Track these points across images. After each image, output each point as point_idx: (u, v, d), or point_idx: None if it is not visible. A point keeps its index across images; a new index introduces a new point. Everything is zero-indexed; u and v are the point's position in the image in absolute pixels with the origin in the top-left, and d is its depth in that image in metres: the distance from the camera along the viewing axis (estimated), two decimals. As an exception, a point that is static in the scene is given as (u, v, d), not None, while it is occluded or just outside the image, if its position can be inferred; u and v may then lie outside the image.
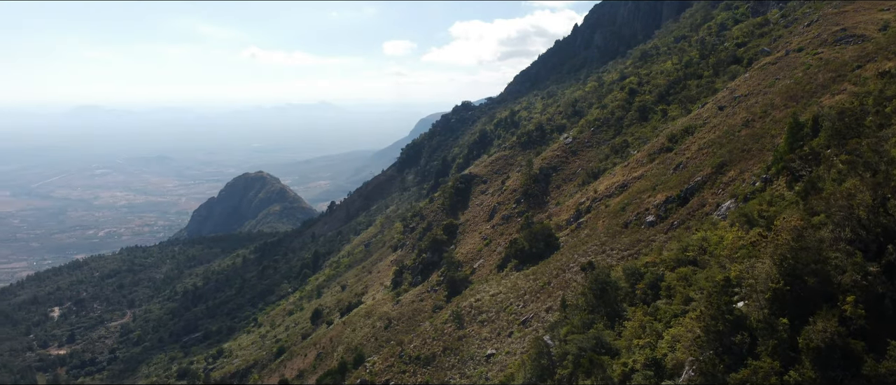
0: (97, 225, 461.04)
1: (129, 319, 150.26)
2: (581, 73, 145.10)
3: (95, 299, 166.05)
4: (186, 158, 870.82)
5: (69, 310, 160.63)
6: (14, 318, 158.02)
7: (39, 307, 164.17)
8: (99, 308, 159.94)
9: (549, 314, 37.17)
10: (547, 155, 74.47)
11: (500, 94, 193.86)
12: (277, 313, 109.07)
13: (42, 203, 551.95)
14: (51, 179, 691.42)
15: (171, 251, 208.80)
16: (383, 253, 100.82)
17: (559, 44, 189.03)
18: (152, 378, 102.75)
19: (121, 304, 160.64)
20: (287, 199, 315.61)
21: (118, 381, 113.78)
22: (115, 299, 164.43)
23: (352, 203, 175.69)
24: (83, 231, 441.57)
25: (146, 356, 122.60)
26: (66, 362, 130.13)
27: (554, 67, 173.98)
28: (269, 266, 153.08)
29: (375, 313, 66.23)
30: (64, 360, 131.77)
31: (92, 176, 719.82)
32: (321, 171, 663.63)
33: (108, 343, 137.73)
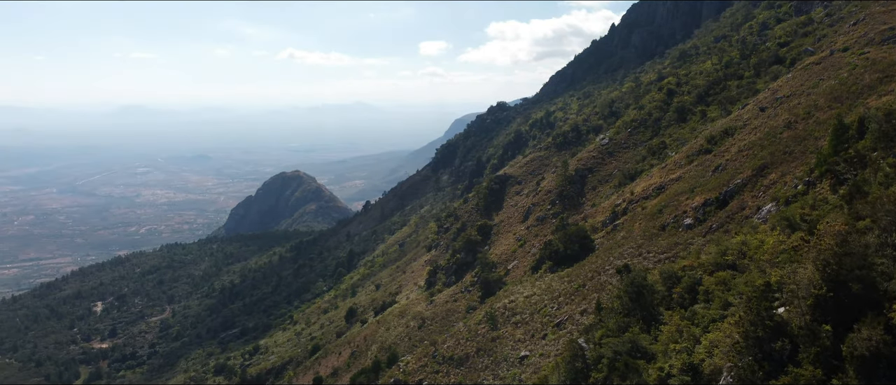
0: (139, 222, 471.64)
1: (168, 315, 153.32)
2: (618, 74, 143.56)
3: (136, 295, 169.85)
4: (225, 157, 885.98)
5: (111, 305, 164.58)
6: (59, 311, 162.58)
7: (83, 302, 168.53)
8: (140, 303, 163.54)
9: (584, 317, 36.85)
10: (582, 156, 73.84)
11: (536, 95, 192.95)
12: (313, 311, 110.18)
13: (86, 200, 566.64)
14: (95, 177, 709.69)
15: (209, 248, 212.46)
16: (417, 253, 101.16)
17: (596, 44, 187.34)
18: (190, 373, 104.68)
19: (161, 300, 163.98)
20: (323, 198, 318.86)
21: (157, 375, 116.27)
22: (155, 295, 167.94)
23: (386, 203, 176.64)
24: (125, 228, 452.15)
25: (184, 351, 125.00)
26: (107, 356, 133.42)
27: (590, 68, 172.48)
28: (304, 264, 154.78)
29: (409, 313, 66.47)
30: (106, 353, 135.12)
31: (134, 174, 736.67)
32: (356, 170, 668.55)
33: (148, 338, 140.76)
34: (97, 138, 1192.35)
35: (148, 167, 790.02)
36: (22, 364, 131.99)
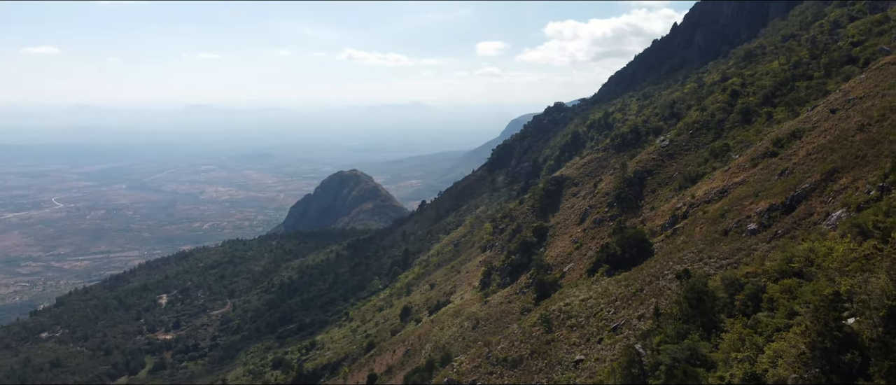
0: (202, 218, 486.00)
1: (229, 309, 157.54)
2: (679, 74, 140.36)
3: (199, 288, 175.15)
4: (285, 156, 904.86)
5: (175, 297, 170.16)
6: (127, 303, 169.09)
7: (149, 294, 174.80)
8: (202, 297, 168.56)
9: (642, 322, 36.14)
10: (642, 158, 72.46)
11: (594, 95, 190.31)
12: (368, 309, 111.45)
13: (153, 196, 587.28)
14: (162, 174, 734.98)
15: (269, 245, 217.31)
16: (472, 253, 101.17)
17: (657, 43, 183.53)
18: (249, 366, 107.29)
19: (222, 294, 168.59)
20: (379, 197, 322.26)
21: (218, 367, 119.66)
22: (216, 289, 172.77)
23: (442, 202, 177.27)
24: (190, 223, 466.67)
25: (244, 344, 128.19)
26: (171, 347, 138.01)
27: (651, 68, 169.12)
28: (360, 262, 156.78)
29: (463, 313, 66.53)
30: (169, 344, 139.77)
31: (199, 171, 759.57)
32: (412, 170, 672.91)
33: (209, 330, 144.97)
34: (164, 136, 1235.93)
35: (212, 165, 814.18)
36: (92, 352, 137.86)
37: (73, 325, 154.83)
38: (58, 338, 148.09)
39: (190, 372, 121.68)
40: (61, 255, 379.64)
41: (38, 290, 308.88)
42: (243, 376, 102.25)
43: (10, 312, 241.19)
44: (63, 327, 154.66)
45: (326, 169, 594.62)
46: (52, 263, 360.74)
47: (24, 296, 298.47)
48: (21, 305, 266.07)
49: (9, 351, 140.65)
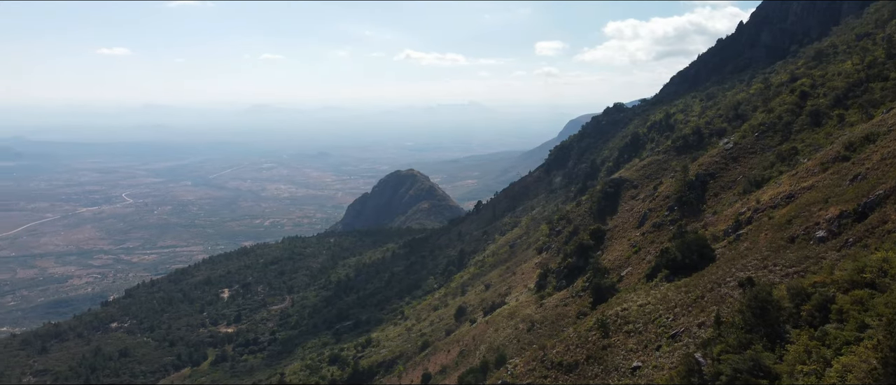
0: (263, 215, 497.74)
1: (288, 304, 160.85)
2: (745, 74, 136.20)
3: (259, 284, 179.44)
4: (343, 155, 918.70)
5: (237, 292, 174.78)
6: (191, 296, 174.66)
7: (212, 288, 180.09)
8: (262, 292, 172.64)
9: (702, 330, 35.24)
10: (704, 160, 70.64)
11: (655, 96, 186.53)
12: (423, 308, 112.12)
13: (217, 193, 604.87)
14: (225, 171, 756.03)
15: (327, 242, 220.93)
16: (528, 254, 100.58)
17: (721, 42, 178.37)
18: (306, 361, 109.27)
19: (281, 290, 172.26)
20: (435, 196, 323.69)
21: (276, 361, 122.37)
22: (276, 285, 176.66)
23: (498, 203, 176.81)
24: (251, 220, 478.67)
25: (301, 340, 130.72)
26: (232, 340, 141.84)
27: (715, 68, 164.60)
28: (416, 261, 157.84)
29: (518, 315, 66.22)
30: (231, 337, 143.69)
31: (260, 169, 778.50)
32: (469, 170, 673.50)
33: (269, 325, 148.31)
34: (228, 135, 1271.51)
35: (273, 163, 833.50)
36: (158, 343, 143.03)
37: (140, 317, 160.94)
38: (126, 328, 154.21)
39: (249, 365, 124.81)
40: (130, 248, 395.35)
41: (109, 281, 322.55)
42: (300, 371, 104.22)
43: (83, 302, 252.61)
44: (131, 318, 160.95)
45: (384, 168, 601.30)
46: (122, 256, 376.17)
47: (96, 287, 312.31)
48: (93, 296, 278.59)
49: (81, 339, 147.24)
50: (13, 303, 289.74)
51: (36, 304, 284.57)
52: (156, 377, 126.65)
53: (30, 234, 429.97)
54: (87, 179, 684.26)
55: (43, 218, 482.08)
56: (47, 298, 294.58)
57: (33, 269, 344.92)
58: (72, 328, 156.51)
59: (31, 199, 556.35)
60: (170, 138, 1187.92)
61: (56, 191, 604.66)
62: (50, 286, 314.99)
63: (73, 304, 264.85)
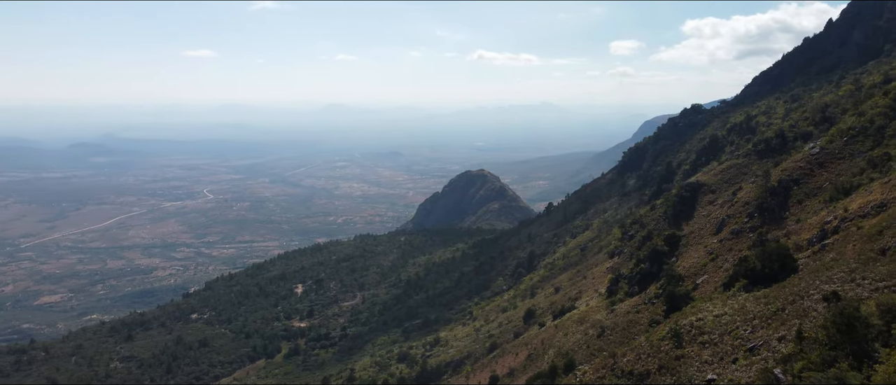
0: (336, 212, 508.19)
1: (359, 301, 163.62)
2: (833, 75, 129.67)
3: (332, 280, 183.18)
4: (415, 154, 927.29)
5: (310, 288, 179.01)
6: (266, 290, 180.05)
7: (286, 283, 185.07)
8: (334, 288, 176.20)
9: (782, 344, 33.78)
10: (787, 165, 67.68)
11: (735, 97, 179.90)
12: (491, 309, 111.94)
13: (293, 190, 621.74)
14: (300, 169, 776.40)
15: (397, 241, 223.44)
16: (599, 259, 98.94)
17: (808, 41, 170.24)
18: (376, 357, 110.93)
19: (352, 287, 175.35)
20: (506, 197, 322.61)
21: (346, 356, 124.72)
22: (348, 281, 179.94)
23: (569, 205, 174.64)
24: (325, 217, 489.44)
25: (371, 336, 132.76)
26: (305, 334, 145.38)
27: (800, 68, 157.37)
28: (485, 262, 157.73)
29: (588, 320, 65.22)
30: (303, 332, 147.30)
31: (334, 168, 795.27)
32: (540, 171, 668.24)
33: (340, 321, 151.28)
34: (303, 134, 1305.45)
35: (346, 162, 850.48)
36: (234, 334, 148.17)
37: (219, 309, 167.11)
38: (205, 319, 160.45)
39: (321, 359, 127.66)
40: (210, 242, 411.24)
41: (190, 274, 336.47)
42: (370, 367, 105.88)
43: (167, 293, 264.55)
44: (210, 310, 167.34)
45: (454, 168, 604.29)
46: (203, 250, 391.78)
47: (178, 278, 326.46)
48: (175, 287, 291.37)
49: (164, 329, 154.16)
50: (103, 291, 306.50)
51: (123, 294, 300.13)
52: (233, 368, 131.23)
53: (119, 226, 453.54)
54: (171, 175, 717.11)
55: (131, 212, 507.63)
56: (134, 288, 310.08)
57: (121, 260, 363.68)
58: (155, 317, 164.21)
59: (120, 193, 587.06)
60: (249, 137, 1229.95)
61: (143, 186, 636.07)
62: (136, 277, 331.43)
63: (156, 295, 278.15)
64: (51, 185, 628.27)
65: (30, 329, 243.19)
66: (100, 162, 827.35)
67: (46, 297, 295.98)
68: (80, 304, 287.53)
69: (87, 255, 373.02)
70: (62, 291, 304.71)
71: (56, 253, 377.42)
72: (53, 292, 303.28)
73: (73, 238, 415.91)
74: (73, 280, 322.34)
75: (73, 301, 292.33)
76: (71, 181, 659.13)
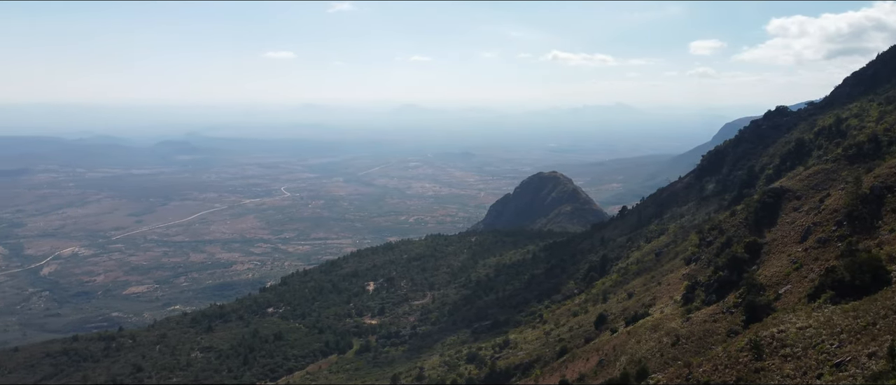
0: (408, 212, 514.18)
1: (428, 300, 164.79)
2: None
3: (402, 278, 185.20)
4: (487, 155, 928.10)
5: (381, 285, 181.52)
6: (339, 287, 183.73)
7: (358, 280, 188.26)
8: (405, 287, 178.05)
9: (872, 362, 31.94)
10: (881, 172, 63.95)
11: (824, 99, 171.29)
12: (562, 312, 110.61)
13: (366, 189, 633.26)
14: (374, 169, 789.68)
15: (468, 241, 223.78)
16: (675, 265, 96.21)
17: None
18: (445, 357, 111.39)
19: (423, 286, 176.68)
20: (578, 199, 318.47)
21: (415, 355, 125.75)
22: (418, 281, 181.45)
23: (644, 209, 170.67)
24: (396, 216, 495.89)
25: (440, 336, 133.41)
26: (375, 331, 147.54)
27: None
28: (556, 265, 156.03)
29: (662, 327, 63.54)
30: (374, 329, 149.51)
31: (406, 167, 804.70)
32: (614, 173, 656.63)
33: (410, 320, 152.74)
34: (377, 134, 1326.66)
35: (419, 162, 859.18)
36: (308, 329, 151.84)
37: (293, 304, 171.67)
38: (281, 314, 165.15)
39: (391, 356, 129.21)
40: (287, 238, 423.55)
41: (267, 268, 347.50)
42: (439, 366, 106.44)
43: (245, 287, 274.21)
44: (285, 304, 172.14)
45: (526, 169, 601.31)
46: (279, 246, 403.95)
47: (256, 273, 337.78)
48: (252, 281, 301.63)
49: (241, 321, 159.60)
50: (185, 284, 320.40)
51: (204, 286, 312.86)
52: (306, 362, 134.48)
53: (201, 221, 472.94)
54: (251, 173, 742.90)
55: (212, 207, 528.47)
56: (214, 281, 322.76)
57: (203, 253, 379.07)
58: (234, 310, 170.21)
59: (203, 189, 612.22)
60: (325, 136, 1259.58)
61: (224, 183, 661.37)
62: (216, 270, 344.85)
63: (235, 288, 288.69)
64: (139, 181, 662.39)
65: (119, 317, 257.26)
66: (184, 159, 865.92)
67: (134, 288, 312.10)
68: (165, 295, 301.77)
69: (172, 248, 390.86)
70: (148, 282, 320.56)
71: (143, 246, 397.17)
72: (140, 283, 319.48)
73: (159, 232, 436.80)
74: (159, 272, 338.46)
75: (158, 292, 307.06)
76: (158, 177, 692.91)
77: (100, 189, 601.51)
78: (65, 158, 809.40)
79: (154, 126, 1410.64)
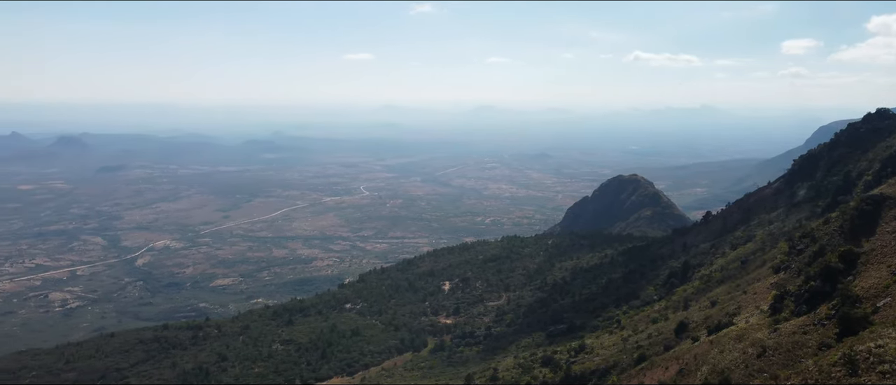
0: (484, 212, 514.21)
1: (503, 302, 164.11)
2: None
3: (478, 279, 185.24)
4: (565, 157, 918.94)
5: (456, 285, 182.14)
6: (415, 285, 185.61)
7: (434, 280, 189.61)
8: (480, 288, 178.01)
9: (984, 382, 29.68)
10: None
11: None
12: (641, 318, 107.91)
13: (443, 189, 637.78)
14: (451, 169, 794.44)
15: (544, 244, 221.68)
16: (762, 273, 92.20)
17: None
18: (519, 359, 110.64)
19: (498, 287, 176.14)
20: (659, 204, 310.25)
21: (490, 355, 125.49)
22: (493, 282, 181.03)
23: (729, 214, 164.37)
24: (473, 217, 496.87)
25: (514, 338, 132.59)
26: (450, 331, 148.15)
27: None
28: (635, 269, 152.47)
29: (748, 338, 60.94)
30: (449, 328, 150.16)
31: (483, 168, 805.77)
32: (697, 177, 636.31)
33: (484, 320, 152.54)
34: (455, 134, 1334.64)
35: (495, 163, 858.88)
36: (384, 326, 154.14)
37: (370, 300, 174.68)
38: (358, 310, 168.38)
39: (465, 356, 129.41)
40: (365, 236, 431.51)
41: (345, 265, 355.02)
42: (513, 368, 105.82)
43: (324, 283, 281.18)
44: (363, 301, 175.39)
45: (606, 172, 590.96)
46: (358, 243, 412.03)
47: (335, 269, 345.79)
48: (331, 278, 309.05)
49: (320, 316, 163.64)
50: (268, 278, 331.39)
51: (285, 281, 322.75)
52: (382, 358, 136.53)
53: (284, 218, 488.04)
54: (332, 172, 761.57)
55: (294, 205, 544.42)
56: (295, 276, 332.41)
57: (285, 249, 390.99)
58: (313, 305, 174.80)
59: (286, 187, 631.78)
60: (403, 136, 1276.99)
61: (306, 181, 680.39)
62: (297, 266, 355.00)
63: (315, 283, 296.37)
64: (227, 178, 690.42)
65: (206, 308, 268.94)
66: (269, 158, 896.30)
67: (220, 280, 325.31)
68: (249, 288, 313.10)
69: (256, 243, 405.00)
70: (234, 275, 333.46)
71: (230, 240, 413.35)
72: (226, 276, 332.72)
73: (244, 227, 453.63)
74: (243, 265, 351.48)
75: (242, 285, 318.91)
76: (244, 175, 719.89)
77: (190, 185, 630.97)
78: (159, 155, 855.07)
79: (241, 125, 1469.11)
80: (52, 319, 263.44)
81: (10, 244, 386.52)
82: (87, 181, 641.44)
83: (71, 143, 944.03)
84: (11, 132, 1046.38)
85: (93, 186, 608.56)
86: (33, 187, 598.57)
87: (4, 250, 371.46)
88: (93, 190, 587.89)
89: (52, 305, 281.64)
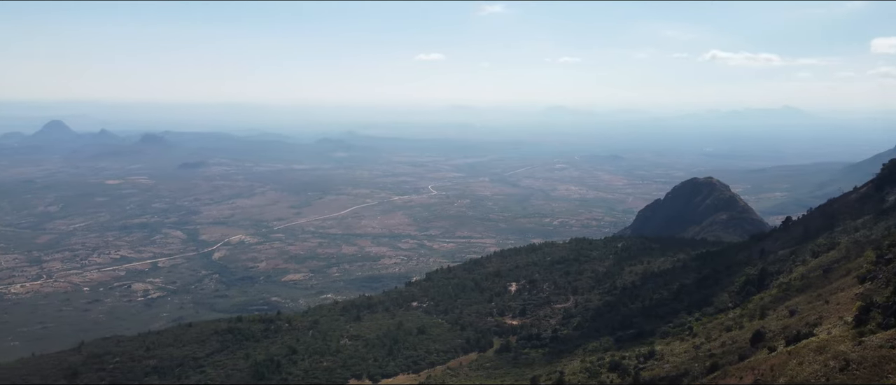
0: (552, 214, 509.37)
1: (571, 304, 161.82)
2: None
3: (545, 281, 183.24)
4: (636, 159, 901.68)
5: (523, 287, 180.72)
6: (481, 286, 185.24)
7: (500, 280, 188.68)
8: (547, 289, 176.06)
9: None
10: None
11: None
12: (714, 326, 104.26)
13: (511, 190, 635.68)
14: (519, 170, 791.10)
15: (613, 247, 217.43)
16: (845, 282, 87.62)
17: None
18: (586, 363, 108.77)
19: (565, 290, 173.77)
20: (736, 208, 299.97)
21: (556, 358, 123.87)
22: (561, 284, 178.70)
23: (811, 220, 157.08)
24: (540, 218, 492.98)
25: (581, 341, 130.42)
26: (516, 332, 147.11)
27: None
28: (708, 275, 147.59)
29: (830, 350, 57.93)
30: (515, 329, 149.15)
31: (552, 169, 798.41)
32: (777, 181, 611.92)
33: (551, 322, 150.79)
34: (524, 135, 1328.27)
35: (565, 164, 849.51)
36: (450, 325, 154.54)
37: (437, 299, 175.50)
38: (424, 308, 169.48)
39: (531, 358, 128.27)
40: (432, 235, 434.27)
41: (413, 264, 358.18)
42: (580, 372, 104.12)
43: (392, 280, 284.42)
44: (429, 299, 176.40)
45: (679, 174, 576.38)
46: (425, 242, 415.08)
47: (402, 267, 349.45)
48: (399, 275, 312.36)
49: (387, 313, 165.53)
50: (337, 274, 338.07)
51: (354, 278, 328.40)
52: (447, 357, 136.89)
53: (354, 216, 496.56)
54: (401, 171, 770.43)
55: (364, 203, 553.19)
56: (363, 273, 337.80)
57: (354, 246, 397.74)
58: (380, 302, 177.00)
59: (356, 185, 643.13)
60: (472, 136, 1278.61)
61: (376, 180, 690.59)
62: (366, 263, 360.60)
63: (382, 281, 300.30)
64: (299, 175, 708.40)
65: (277, 302, 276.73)
66: (340, 156, 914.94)
67: (291, 275, 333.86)
68: (319, 283, 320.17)
69: (326, 240, 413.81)
70: (304, 271, 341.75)
71: (301, 236, 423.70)
72: (297, 271, 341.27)
73: (315, 224, 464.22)
74: (314, 261, 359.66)
75: (312, 280, 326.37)
76: (316, 173, 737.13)
77: (264, 182, 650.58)
78: (236, 153, 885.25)
79: (315, 124, 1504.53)
80: (135, 308, 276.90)
81: (97, 236, 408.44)
82: (168, 177, 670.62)
83: (154, 140, 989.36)
84: (101, 130, 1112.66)
85: (174, 182, 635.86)
86: (119, 182, 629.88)
87: (92, 242, 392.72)
88: (174, 185, 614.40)
89: (135, 295, 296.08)
